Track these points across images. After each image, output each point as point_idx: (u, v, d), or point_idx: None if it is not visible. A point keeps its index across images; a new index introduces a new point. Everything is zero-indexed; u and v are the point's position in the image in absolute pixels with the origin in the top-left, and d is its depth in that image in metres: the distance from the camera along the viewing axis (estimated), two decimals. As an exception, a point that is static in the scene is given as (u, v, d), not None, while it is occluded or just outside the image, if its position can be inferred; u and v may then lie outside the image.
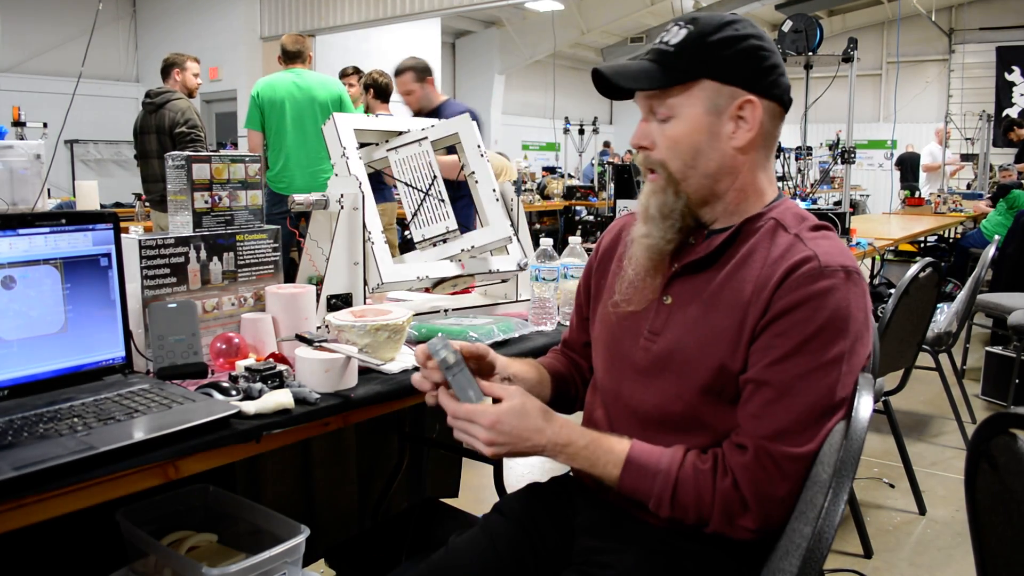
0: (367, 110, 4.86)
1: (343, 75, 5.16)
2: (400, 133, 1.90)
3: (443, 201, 1.83)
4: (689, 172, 1.08)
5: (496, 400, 1.05)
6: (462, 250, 1.78)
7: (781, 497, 0.98)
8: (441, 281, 1.78)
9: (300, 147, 4.30)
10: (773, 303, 1.00)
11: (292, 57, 4.41)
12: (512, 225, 1.84)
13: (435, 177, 1.85)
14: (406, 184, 1.84)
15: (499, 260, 1.85)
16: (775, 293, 1.00)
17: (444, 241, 1.81)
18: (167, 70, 4.70)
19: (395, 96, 4.85)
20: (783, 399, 0.98)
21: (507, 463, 2.15)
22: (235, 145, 7.89)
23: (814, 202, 4.52)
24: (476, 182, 1.86)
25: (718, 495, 0.99)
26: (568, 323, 1.40)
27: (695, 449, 1.04)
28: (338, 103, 4.38)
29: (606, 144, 12.77)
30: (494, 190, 1.86)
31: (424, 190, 1.83)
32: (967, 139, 10.19)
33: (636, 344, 1.14)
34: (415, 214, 1.83)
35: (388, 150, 1.86)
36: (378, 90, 4.82)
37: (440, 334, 1.10)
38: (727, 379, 1.04)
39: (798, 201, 4.49)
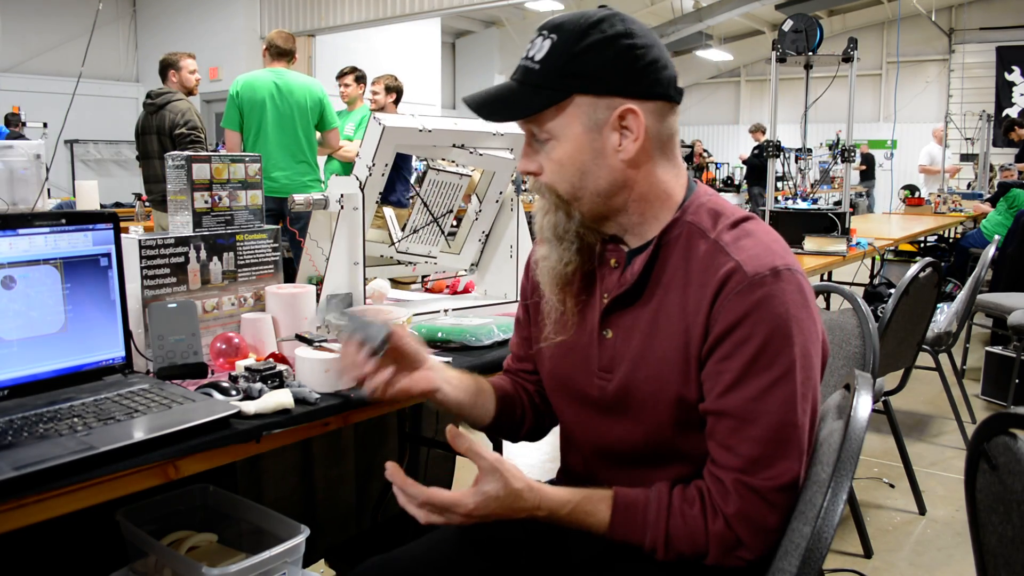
0: (350, 103, 5.01)
1: (340, 75, 5.15)
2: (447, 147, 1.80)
3: (443, 233, 1.90)
4: (579, 192, 1.01)
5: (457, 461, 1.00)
6: (425, 261, 1.84)
7: (773, 527, 0.96)
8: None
9: (281, 148, 4.27)
10: (711, 327, 0.96)
11: (281, 54, 4.36)
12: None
13: (451, 211, 1.92)
14: (424, 203, 1.89)
15: (449, 259, 1.93)
16: (710, 316, 0.96)
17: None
18: (164, 71, 4.69)
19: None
20: (745, 426, 0.95)
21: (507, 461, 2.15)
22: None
23: (814, 202, 4.51)
24: (475, 219, 1.92)
25: (712, 538, 0.97)
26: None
27: (679, 485, 1.01)
28: (319, 105, 4.36)
29: None
30: (484, 232, 1.93)
31: (435, 217, 1.90)
32: (967, 139, 10.19)
33: (590, 382, 1.09)
34: (414, 231, 1.89)
35: (430, 167, 1.86)
36: (399, 95, 4.95)
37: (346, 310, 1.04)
38: (689, 408, 1.00)
39: (799, 201, 4.49)
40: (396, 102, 4.95)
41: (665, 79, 1.00)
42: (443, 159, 1.83)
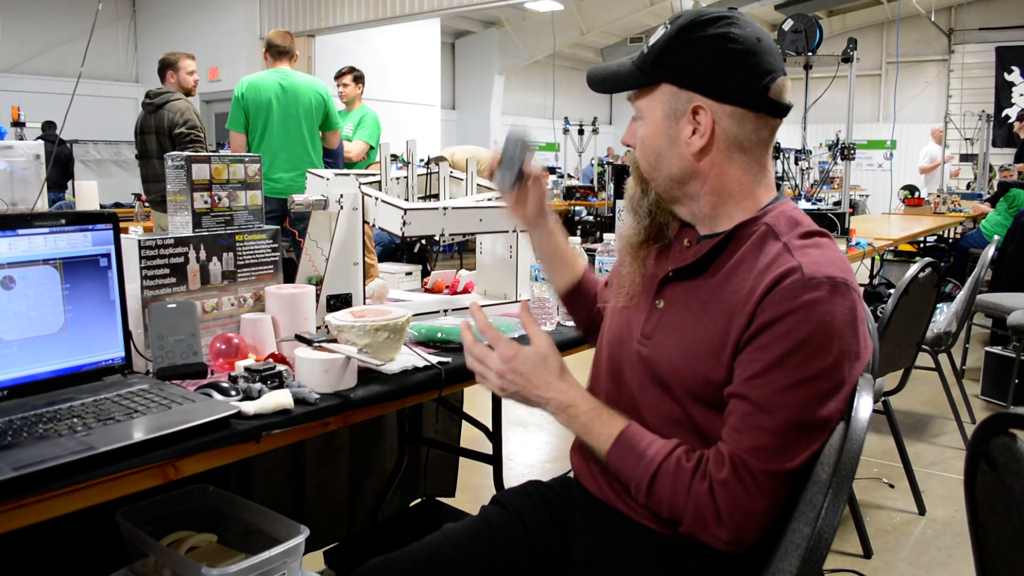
0: (349, 102, 5.05)
1: (338, 75, 5.15)
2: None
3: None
4: (655, 173, 1.11)
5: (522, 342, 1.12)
6: (485, 199, 1.82)
7: (757, 512, 0.96)
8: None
9: (286, 149, 4.26)
10: (756, 316, 0.98)
11: (280, 53, 4.34)
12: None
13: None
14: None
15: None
16: (758, 306, 0.98)
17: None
18: (162, 71, 4.70)
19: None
20: (760, 414, 0.97)
21: (506, 463, 2.16)
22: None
23: (818, 201, 4.52)
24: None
25: (692, 496, 0.99)
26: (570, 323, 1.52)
27: (686, 446, 1.03)
28: (323, 105, 4.36)
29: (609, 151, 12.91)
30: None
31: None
32: (967, 139, 10.19)
33: (630, 344, 1.14)
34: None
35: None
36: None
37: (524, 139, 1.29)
38: (712, 389, 1.03)
39: (802, 201, 4.49)
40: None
41: (753, 88, 1.04)
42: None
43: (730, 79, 1.04)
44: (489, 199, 1.80)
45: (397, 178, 1.83)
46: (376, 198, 1.61)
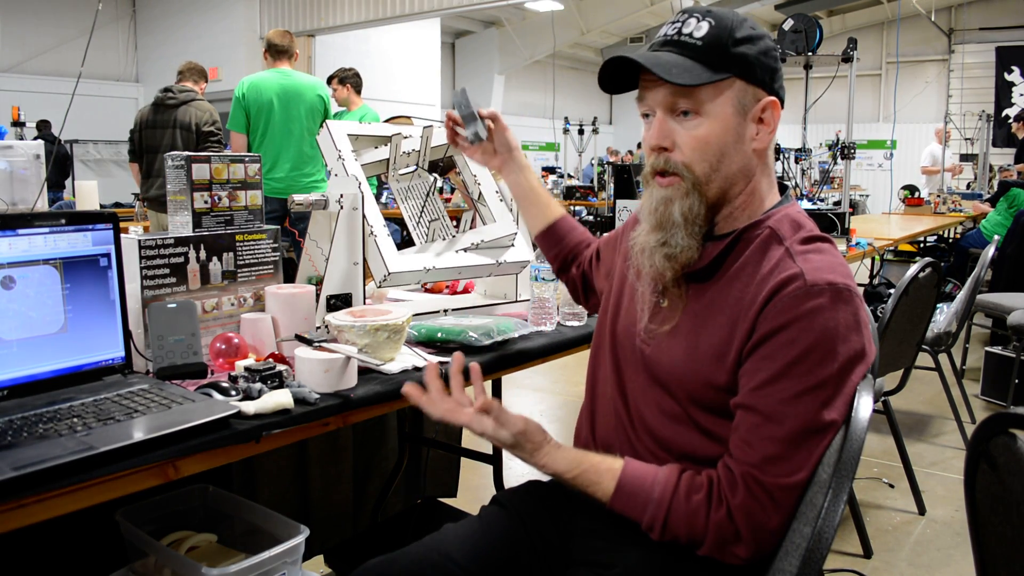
0: (344, 105, 5.03)
1: (328, 80, 5.19)
2: (388, 138, 1.83)
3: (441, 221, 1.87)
4: (713, 175, 1.04)
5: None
6: (471, 244, 1.78)
7: (774, 528, 0.97)
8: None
9: (287, 149, 4.27)
10: (758, 326, 0.98)
11: (279, 53, 4.35)
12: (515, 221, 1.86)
13: (438, 215, 1.88)
14: (409, 216, 1.87)
15: (507, 253, 1.85)
16: (760, 314, 0.98)
17: (453, 237, 1.82)
18: (198, 74, 4.78)
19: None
20: (769, 424, 0.96)
21: (506, 463, 2.15)
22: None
23: (820, 201, 4.52)
24: (478, 183, 1.88)
25: (712, 525, 0.99)
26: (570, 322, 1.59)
27: (689, 471, 1.03)
28: (322, 105, 4.36)
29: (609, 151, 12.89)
30: (497, 191, 1.89)
31: (426, 212, 1.89)
32: (967, 139, 10.19)
33: (632, 343, 1.15)
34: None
35: (391, 177, 1.85)
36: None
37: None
38: (713, 392, 1.03)
39: (803, 201, 4.49)
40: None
41: (783, 86, 1.08)
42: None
43: (780, 77, 1.07)
44: (478, 243, 1.78)
45: (408, 152, 1.82)
46: (372, 230, 1.60)
